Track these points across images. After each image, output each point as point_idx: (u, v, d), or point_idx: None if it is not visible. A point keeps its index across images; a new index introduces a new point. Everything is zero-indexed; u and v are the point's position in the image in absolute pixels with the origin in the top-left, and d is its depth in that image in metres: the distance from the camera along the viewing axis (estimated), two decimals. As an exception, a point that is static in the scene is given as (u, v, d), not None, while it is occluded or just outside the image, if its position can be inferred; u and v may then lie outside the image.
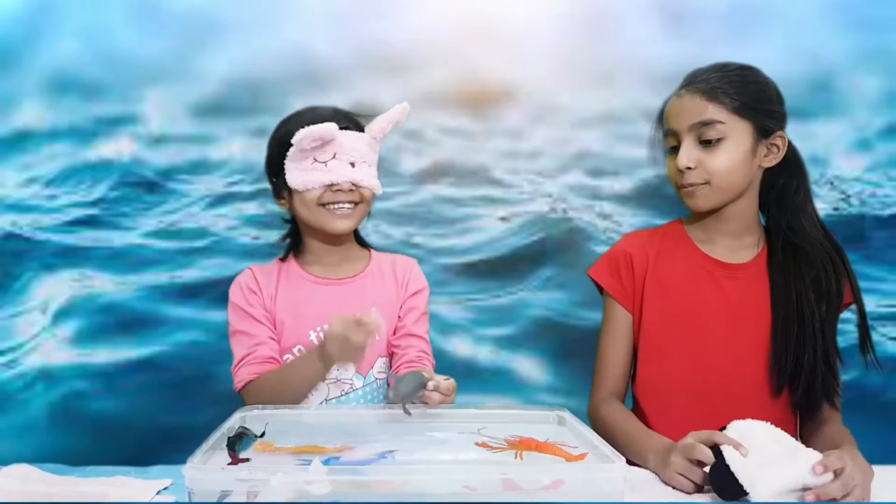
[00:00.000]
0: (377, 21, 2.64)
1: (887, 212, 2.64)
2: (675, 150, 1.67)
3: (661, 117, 1.73)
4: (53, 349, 2.58)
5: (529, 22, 2.65)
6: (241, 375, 1.70)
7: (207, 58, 2.64)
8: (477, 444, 1.37)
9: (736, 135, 1.63)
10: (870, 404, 2.55)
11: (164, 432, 2.48)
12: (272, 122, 1.81)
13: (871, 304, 2.56)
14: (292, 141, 1.66)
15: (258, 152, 2.43)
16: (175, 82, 2.65)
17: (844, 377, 2.55)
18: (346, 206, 1.72)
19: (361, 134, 1.74)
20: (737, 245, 1.74)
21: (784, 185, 1.73)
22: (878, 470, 1.41)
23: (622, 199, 2.68)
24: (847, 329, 2.57)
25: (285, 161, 1.71)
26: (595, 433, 1.39)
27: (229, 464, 1.24)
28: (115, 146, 2.65)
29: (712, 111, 1.62)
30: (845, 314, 1.75)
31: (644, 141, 1.84)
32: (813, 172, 2.61)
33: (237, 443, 1.29)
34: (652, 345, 1.73)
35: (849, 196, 2.65)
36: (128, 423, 2.55)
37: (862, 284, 2.57)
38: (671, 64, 2.57)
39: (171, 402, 2.55)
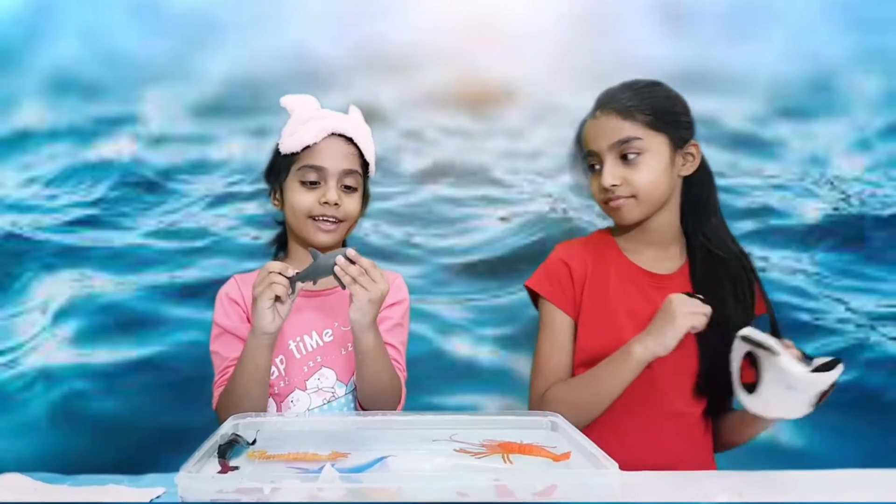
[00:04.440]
0: (377, 21, 2.64)
1: (887, 212, 2.64)
2: (595, 169, 1.74)
3: (580, 140, 1.79)
4: (53, 349, 2.59)
5: (529, 22, 2.65)
6: (215, 396, 1.71)
7: (207, 58, 2.64)
8: (455, 450, 1.37)
9: (654, 148, 1.69)
10: (870, 404, 2.56)
11: (164, 432, 2.48)
12: (272, 122, 1.82)
13: (870, 304, 2.57)
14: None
15: (258, 152, 2.45)
16: (175, 82, 2.66)
17: (844, 378, 2.56)
18: (331, 221, 1.72)
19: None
20: (662, 256, 1.79)
21: (697, 195, 1.79)
22: (878, 474, 1.41)
23: (622, 199, 2.68)
24: (847, 329, 2.59)
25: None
26: (584, 436, 1.38)
27: (219, 472, 1.24)
28: (115, 146, 2.66)
29: (629, 129, 1.68)
30: (843, 315, 1.77)
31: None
32: (813, 172, 2.64)
33: (228, 450, 1.29)
34: (588, 351, 1.75)
35: (849, 196, 2.65)
36: (127, 423, 2.55)
37: (862, 284, 2.62)
38: (671, 64, 2.58)
39: (170, 403, 2.55)
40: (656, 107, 1.70)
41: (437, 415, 1.51)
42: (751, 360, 1.49)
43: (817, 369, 1.42)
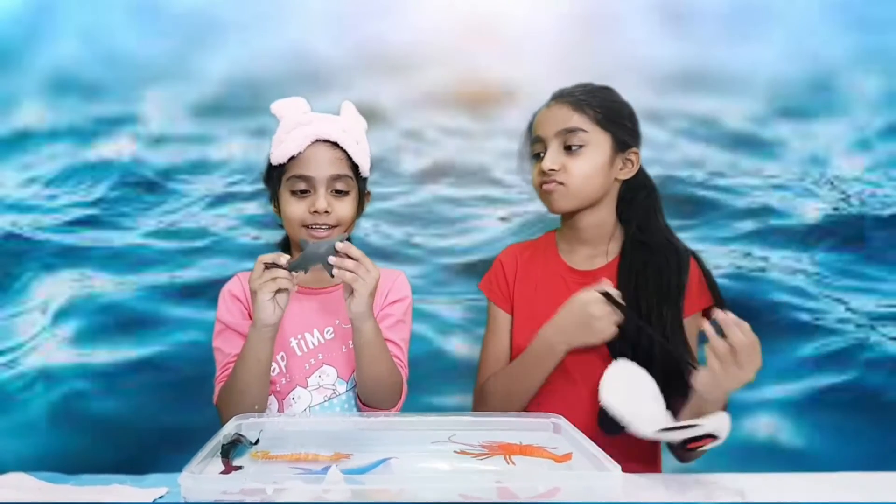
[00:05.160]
0: (377, 21, 2.64)
1: (887, 212, 2.64)
2: (539, 158, 1.83)
3: (530, 129, 1.89)
4: (53, 349, 2.58)
5: (529, 22, 2.65)
6: (216, 391, 1.72)
7: (207, 58, 2.64)
8: (456, 452, 1.37)
9: (597, 144, 1.77)
10: (870, 404, 2.56)
11: (164, 432, 2.48)
12: (272, 122, 1.81)
13: (870, 304, 2.57)
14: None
15: (258, 152, 2.45)
16: (175, 82, 2.65)
17: (844, 378, 2.57)
18: (323, 228, 1.72)
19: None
20: (594, 253, 1.87)
21: (633, 195, 1.86)
22: (879, 476, 1.42)
23: (622, 198, 2.68)
24: (847, 329, 2.58)
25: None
26: (586, 438, 1.38)
27: (222, 472, 1.24)
28: (115, 146, 2.65)
29: (577, 120, 1.77)
30: (843, 315, 1.76)
31: (644, 142, 1.87)
32: (813, 172, 2.64)
33: (231, 450, 1.29)
34: (519, 344, 1.84)
35: (849, 196, 2.65)
36: (128, 423, 2.55)
37: (862, 284, 2.62)
38: (671, 64, 2.58)
39: (171, 403, 2.55)
40: (606, 106, 1.79)
41: (439, 416, 1.52)
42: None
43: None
